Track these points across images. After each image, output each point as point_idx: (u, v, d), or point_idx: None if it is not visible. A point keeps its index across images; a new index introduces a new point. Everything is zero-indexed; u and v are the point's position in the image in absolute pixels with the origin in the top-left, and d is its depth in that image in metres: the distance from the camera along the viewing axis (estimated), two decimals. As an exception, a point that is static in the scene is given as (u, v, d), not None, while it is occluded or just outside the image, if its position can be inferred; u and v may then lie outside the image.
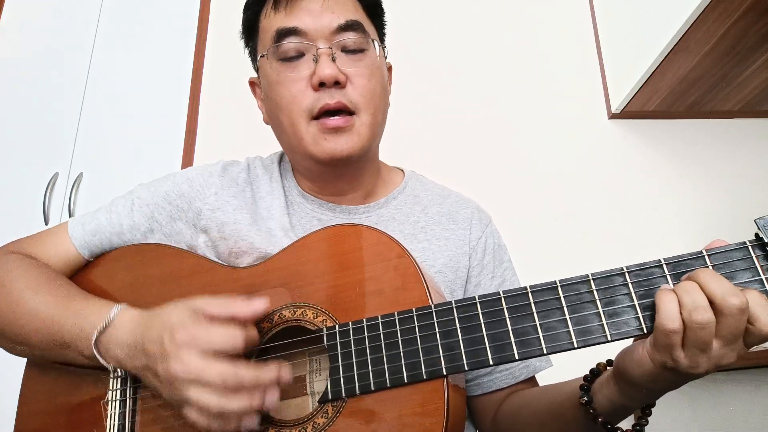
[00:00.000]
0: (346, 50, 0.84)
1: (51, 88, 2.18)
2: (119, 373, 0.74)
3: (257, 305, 0.67)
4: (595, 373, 0.68)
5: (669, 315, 0.55)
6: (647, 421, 0.65)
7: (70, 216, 1.97)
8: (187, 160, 2.06)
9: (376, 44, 0.88)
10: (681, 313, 0.55)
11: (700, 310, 0.54)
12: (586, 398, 0.67)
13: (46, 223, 1.97)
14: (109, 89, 2.17)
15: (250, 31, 0.93)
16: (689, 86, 1.94)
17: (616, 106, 2.11)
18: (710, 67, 1.84)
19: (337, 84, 0.82)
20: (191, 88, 2.15)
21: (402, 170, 1.03)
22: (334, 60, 0.82)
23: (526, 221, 1.98)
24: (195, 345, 0.62)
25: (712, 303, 0.54)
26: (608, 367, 0.67)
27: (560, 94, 2.19)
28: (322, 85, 0.81)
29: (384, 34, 0.96)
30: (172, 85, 2.17)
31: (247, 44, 0.95)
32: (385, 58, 0.94)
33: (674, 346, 0.55)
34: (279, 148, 1.02)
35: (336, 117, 0.81)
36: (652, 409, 0.65)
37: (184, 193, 0.89)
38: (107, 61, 2.21)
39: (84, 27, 2.26)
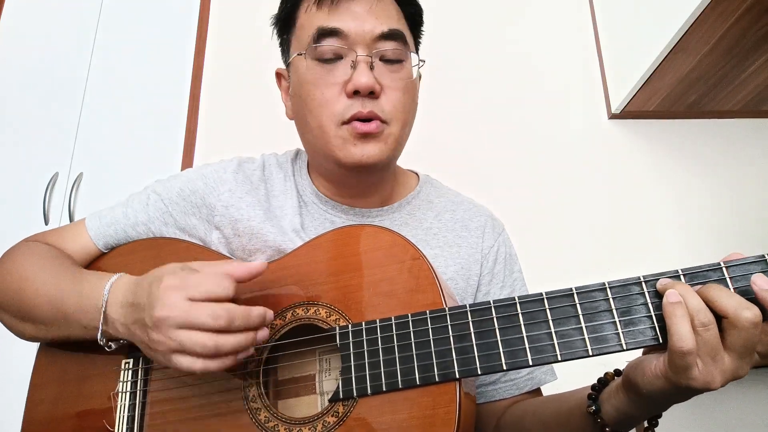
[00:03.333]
0: (384, 59, 0.82)
1: (51, 88, 2.17)
2: (111, 346, 0.75)
3: (252, 265, 0.68)
4: (603, 382, 0.68)
5: (682, 335, 0.54)
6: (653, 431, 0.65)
7: (70, 216, 1.98)
8: (187, 160, 2.05)
9: (414, 56, 0.87)
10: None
11: (702, 313, 0.55)
12: (594, 407, 0.66)
13: (46, 223, 1.97)
14: (109, 89, 2.17)
15: (286, 22, 0.89)
16: (689, 86, 1.94)
17: (616, 106, 2.11)
18: (710, 67, 1.84)
19: (371, 94, 0.80)
20: (191, 88, 2.15)
21: (416, 174, 1.03)
22: (372, 68, 0.80)
23: (524, 221, 1.98)
24: (184, 289, 0.63)
25: (725, 317, 0.54)
26: (616, 377, 0.67)
27: (560, 94, 2.20)
28: (356, 93, 0.80)
29: (419, 44, 0.95)
30: (172, 85, 2.17)
31: (280, 35, 0.92)
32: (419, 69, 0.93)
33: (691, 366, 0.55)
34: (281, 148, 1.01)
35: (368, 122, 0.80)
36: (659, 420, 0.65)
37: (198, 189, 0.90)
38: (107, 61, 2.21)
39: (84, 27, 2.25)
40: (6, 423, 1.68)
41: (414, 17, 0.90)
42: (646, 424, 0.65)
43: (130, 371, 0.78)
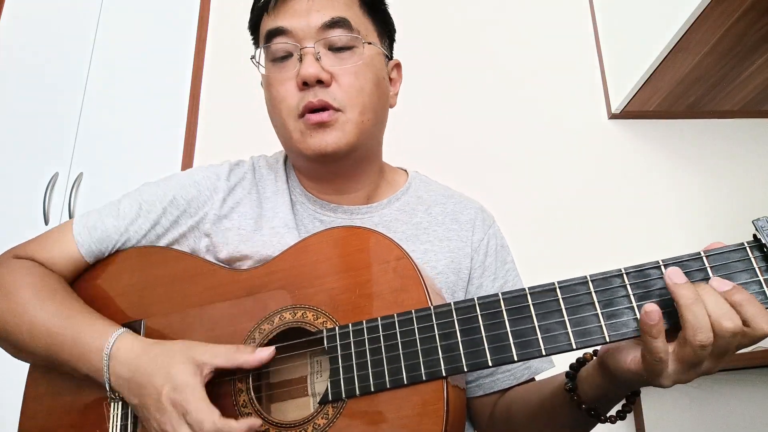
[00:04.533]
0: (333, 48, 0.84)
1: (51, 88, 2.18)
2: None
3: (263, 355, 0.70)
4: (581, 362, 0.69)
5: (704, 326, 0.54)
6: (631, 409, 0.67)
7: (70, 216, 1.98)
8: (187, 160, 2.06)
9: (366, 41, 0.87)
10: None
11: (703, 333, 0.54)
12: (570, 385, 0.68)
13: (46, 223, 1.97)
14: (109, 89, 2.17)
15: (254, 34, 0.93)
16: (689, 86, 1.94)
17: (616, 106, 2.11)
18: (710, 67, 1.84)
19: (321, 83, 0.82)
20: (191, 88, 2.16)
21: (406, 171, 1.03)
22: (318, 59, 0.83)
23: (524, 221, 1.98)
24: (186, 414, 0.66)
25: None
26: (594, 357, 0.68)
27: (560, 94, 2.19)
28: (306, 84, 0.82)
29: (390, 31, 0.95)
30: (172, 85, 2.17)
31: (255, 46, 0.95)
32: (387, 55, 0.94)
33: (702, 360, 0.55)
34: (280, 148, 1.02)
35: (320, 112, 0.82)
36: (636, 397, 0.66)
37: (191, 198, 0.89)
38: (107, 61, 2.22)
39: (84, 27, 2.26)
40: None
41: (371, 4, 0.90)
42: (624, 401, 0.67)
43: None
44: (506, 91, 2.20)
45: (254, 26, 0.92)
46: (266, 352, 0.70)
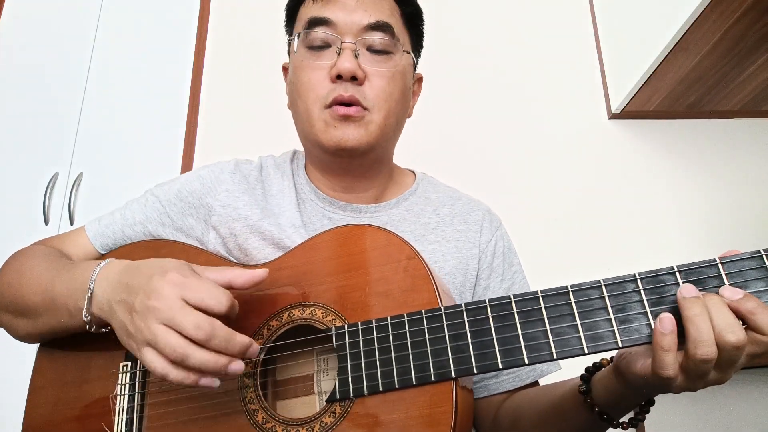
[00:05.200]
0: (371, 50, 0.86)
1: (51, 87, 2.18)
2: (97, 329, 0.74)
3: (256, 273, 0.68)
4: (598, 366, 0.69)
5: (706, 340, 0.54)
6: (644, 417, 0.66)
7: (70, 216, 1.98)
8: (187, 160, 2.06)
9: (404, 51, 0.89)
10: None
11: (707, 348, 0.54)
12: (584, 387, 0.68)
13: (46, 224, 1.97)
14: (109, 89, 2.17)
15: (291, 18, 0.94)
16: (689, 86, 1.94)
17: (616, 106, 2.11)
18: (710, 67, 1.84)
19: (355, 80, 0.83)
20: (191, 88, 2.15)
21: (413, 172, 1.03)
22: (356, 56, 0.84)
23: (524, 221, 1.98)
24: (182, 288, 0.62)
25: None
26: (610, 363, 0.67)
27: (560, 94, 2.20)
28: (339, 78, 0.83)
29: (421, 47, 0.98)
30: (172, 85, 2.17)
31: (287, 32, 0.97)
32: (415, 68, 0.96)
33: (671, 384, 0.56)
34: (281, 148, 1.02)
35: (349, 106, 0.83)
36: (650, 407, 0.66)
37: (195, 190, 0.91)
38: (107, 62, 2.21)
39: (84, 27, 2.25)
40: (6, 427, 1.68)
41: (411, 17, 0.93)
42: (637, 409, 0.66)
43: (128, 374, 0.77)
44: (506, 91, 2.20)
45: (292, 10, 0.93)
46: (258, 271, 0.68)
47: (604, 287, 0.60)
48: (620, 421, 0.67)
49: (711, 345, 0.53)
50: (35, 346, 0.85)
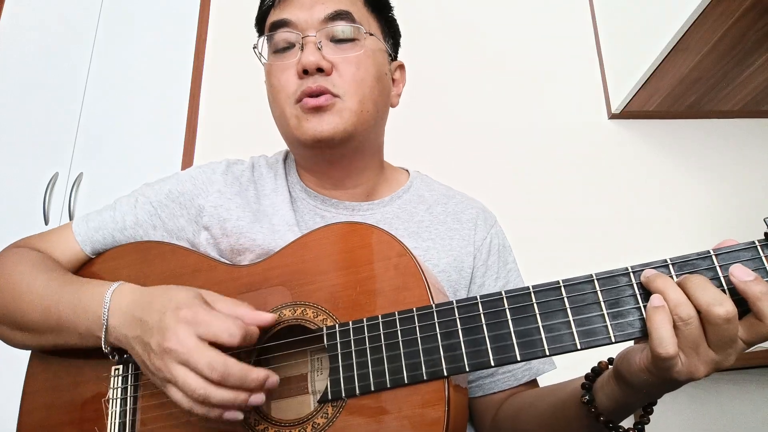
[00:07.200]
0: (335, 40, 0.85)
1: (51, 87, 2.18)
2: (115, 356, 0.74)
3: (264, 317, 0.68)
4: (597, 371, 0.68)
5: (663, 340, 0.54)
6: (648, 420, 0.65)
7: (70, 216, 1.98)
8: (187, 160, 2.06)
9: (368, 33, 0.88)
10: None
11: (682, 307, 0.53)
12: (588, 397, 0.66)
13: (46, 223, 1.97)
14: (109, 89, 2.17)
15: (260, 33, 0.95)
16: (689, 86, 1.93)
17: (616, 106, 2.10)
18: (710, 67, 1.83)
19: (322, 71, 0.83)
20: (191, 88, 2.15)
21: (407, 171, 1.03)
22: (320, 48, 0.84)
23: (525, 221, 1.97)
24: (195, 325, 0.63)
25: (698, 312, 0.53)
26: (610, 366, 0.66)
27: (560, 95, 2.19)
28: (306, 72, 0.83)
29: (395, 33, 0.97)
30: (172, 85, 2.17)
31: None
32: (390, 54, 0.94)
33: (675, 364, 0.54)
34: (280, 148, 1.02)
35: (318, 97, 0.82)
36: (653, 408, 0.65)
37: (186, 190, 0.90)
38: (107, 61, 2.21)
39: (84, 27, 2.25)
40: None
41: (375, 3, 0.92)
42: (641, 412, 0.65)
43: (121, 377, 0.77)
44: (506, 90, 2.19)
45: (260, 21, 0.94)
46: (266, 316, 0.68)
47: (596, 281, 0.60)
48: (626, 428, 0.66)
49: (688, 308, 0.53)
50: (28, 351, 0.85)
